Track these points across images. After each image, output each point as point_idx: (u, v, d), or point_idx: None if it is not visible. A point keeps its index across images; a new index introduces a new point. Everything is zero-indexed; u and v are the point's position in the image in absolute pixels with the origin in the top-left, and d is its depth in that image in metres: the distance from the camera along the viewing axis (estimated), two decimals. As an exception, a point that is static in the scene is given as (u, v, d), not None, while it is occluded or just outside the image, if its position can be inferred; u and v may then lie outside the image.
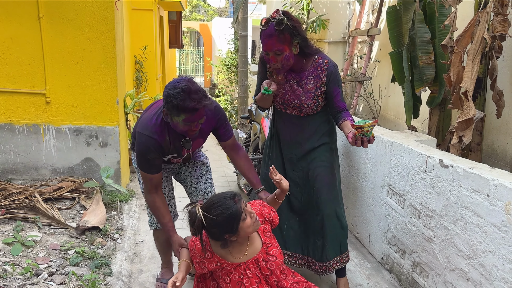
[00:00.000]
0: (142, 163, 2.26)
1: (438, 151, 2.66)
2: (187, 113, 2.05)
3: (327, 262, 2.64)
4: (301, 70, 2.48)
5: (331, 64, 2.47)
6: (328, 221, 2.60)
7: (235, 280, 1.96)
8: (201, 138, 2.41)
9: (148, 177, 2.27)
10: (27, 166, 4.04)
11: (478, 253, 2.16)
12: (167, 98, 2.04)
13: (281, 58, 2.33)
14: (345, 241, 2.71)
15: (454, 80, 3.55)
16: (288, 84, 2.53)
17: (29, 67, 3.86)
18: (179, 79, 2.10)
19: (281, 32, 2.26)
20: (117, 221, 3.54)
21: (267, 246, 2.04)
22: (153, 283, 2.82)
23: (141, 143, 2.22)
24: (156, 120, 2.22)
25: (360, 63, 6.82)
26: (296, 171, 2.68)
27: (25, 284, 2.51)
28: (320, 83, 2.46)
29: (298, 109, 2.54)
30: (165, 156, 2.34)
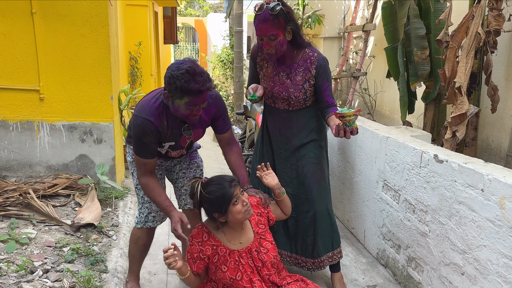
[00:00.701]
0: (137, 146, 2.18)
1: (433, 146, 2.66)
2: (190, 95, 2.01)
3: (318, 258, 2.65)
4: (291, 62, 2.49)
5: (320, 57, 2.46)
6: (320, 217, 2.61)
7: (232, 267, 2.03)
8: (201, 128, 2.35)
9: (143, 161, 2.20)
10: (21, 163, 4.02)
11: (472, 248, 2.17)
12: (170, 80, 1.99)
13: (275, 43, 2.32)
14: (337, 237, 2.71)
15: (449, 75, 3.56)
16: (277, 77, 2.54)
17: (22, 63, 3.82)
18: (182, 60, 2.05)
19: (276, 16, 2.26)
20: (112, 218, 3.53)
21: (259, 237, 2.12)
22: (148, 280, 2.82)
23: (137, 126, 2.15)
24: (154, 103, 2.16)
25: (356, 58, 6.82)
26: (285, 168, 2.67)
27: (19, 282, 2.49)
28: (309, 75, 2.46)
29: (287, 102, 2.54)
30: (163, 143, 2.25)
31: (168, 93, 2.04)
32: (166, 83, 2.03)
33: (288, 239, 2.74)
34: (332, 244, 2.69)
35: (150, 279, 2.83)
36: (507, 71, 3.99)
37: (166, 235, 3.37)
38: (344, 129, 2.15)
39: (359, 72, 6.33)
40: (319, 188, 2.61)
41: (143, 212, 2.45)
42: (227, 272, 2.03)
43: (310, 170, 2.60)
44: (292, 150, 2.63)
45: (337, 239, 2.72)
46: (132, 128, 2.19)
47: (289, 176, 2.66)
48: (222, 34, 11.45)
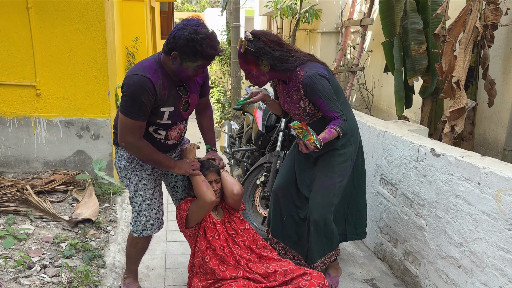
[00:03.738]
0: (132, 107, 2.08)
1: (430, 140, 2.67)
2: (205, 59, 2.07)
3: (311, 265, 2.66)
4: (289, 81, 2.51)
5: (306, 76, 2.38)
6: (316, 226, 2.57)
7: (213, 234, 2.42)
8: (196, 92, 2.35)
9: (137, 124, 2.12)
10: (18, 159, 4.01)
11: (469, 241, 2.18)
12: (188, 42, 1.99)
13: (250, 76, 2.46)
14: (330, 244, 2.66)
15: (446, 70, 3.56)
16: (283, 94, 2.60)
17: (19, 59, 3.81)
18: (193, 21, 2.05)
19: (244, 55, 2.38)
20: (110, 214, 3.53)
21: (229, 212, 2.54)
22: (147, 274, 2.83)
23: (133, 83, 2.06)
24: (148, 63, 2.14)
25: (353, 53, 6.81)
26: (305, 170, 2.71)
27: (17, 277, 2.49)
28: (300, 94, 2.46)
29: (297, 117, 2.58)
30: (161, 108, 2.17)
31: (181, 54, 2.04)
32: (181, 45, 2.01)
33: (294, 238, 2.77)
34: (324, 250, 2.65)
35: (148, 274, 2.84)
36: (504, 65, 3.99)
37: (164, 230, 3.38)
38: (299, 142, 2.23)
39: (357, 67, 6.32)
40: (323, 196, 2.55)
41: (140, 221, 2.38)
42: (212, 239, 2.39)
43: (320, 177, 2.58)
44: (314, 158, 2.66)
45: (330, 246, 2.67)
46: (126, 88, 2.08)
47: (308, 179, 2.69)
48: (220, 29, 11.41)
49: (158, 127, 2.26)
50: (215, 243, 2.39)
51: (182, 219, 2.42)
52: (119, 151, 2.36)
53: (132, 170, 2.33)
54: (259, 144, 3.73)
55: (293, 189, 2.74)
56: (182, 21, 2.13)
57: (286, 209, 2.75)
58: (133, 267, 2.57)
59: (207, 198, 2.31)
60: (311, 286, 2.19)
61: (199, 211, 2.38)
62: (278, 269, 2.33)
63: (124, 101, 2.10)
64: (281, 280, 2.28)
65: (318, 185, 2.58)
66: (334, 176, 2.56)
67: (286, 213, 2.75)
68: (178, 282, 2.75)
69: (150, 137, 2.27)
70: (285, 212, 2.75)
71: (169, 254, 3.11)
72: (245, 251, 2.44)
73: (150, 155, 2.24)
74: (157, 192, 2.44)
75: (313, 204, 2.57)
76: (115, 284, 2.58)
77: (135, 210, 2.39)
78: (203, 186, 2.33)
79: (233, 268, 2.36)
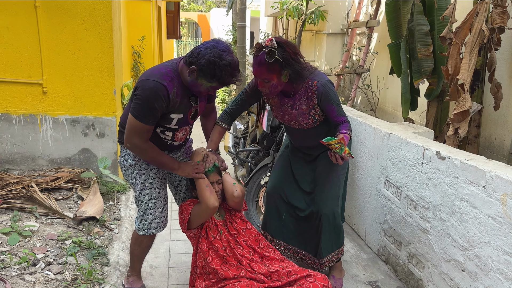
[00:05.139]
0: (143, 111, 2.10)
1: (435, 143, 2.66)
2: (220, 84, 2.12)
3: (320, 260, 2.70)
4: (294, 93, 2.49)
5: (320, 85, 2.41)
6: (325, 221, 2.63)
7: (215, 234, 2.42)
8: (204, 101, 2.39)
9: (146, 128, 2.14)
10: (24, 156, 4.03)
11: (473, 244, 2.17)
12: (209, 64, 2.02)
13: (268, 86, 2.36)
14: (338, 240, 2.72)
15: (452, 72, 3.55)
16: (284, 107, 2.56)
17: (26, 56, 3.83)
18: (222, 46, 2.07)
19: (271, 64, 2.27)
20: (114, 212, 3.54)
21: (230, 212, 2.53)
22: (150, 273, 2.83)
23: (148, 89, 2.07)
24: (165, 70, 2.15)
25: (359, 55, 6.80)
26: (306, 170, 2.72)
27: (22, 274, 2.51)
28: (312, 104, 2.47)
29: (299, 125, 2.58)
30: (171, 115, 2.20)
31: (199, 71, 2.06)
32: (202, 64, 2.04)
33: (297, 235, 2.78)
34: (332, 246, 2.71)
35: (152, 273, 2.84)
36: (511, 69, 3.98)
37: (168, 229, 3.38)
38: (334, 155, 2.24)
39: (362, 69, 6.31)
40: (330, 190, 2.63)
41: (146, 219, 2.40)
42: (214, 240, 2.39)
43: (325, 171, 2.63)
44: (314, 157, 2.69)
45: (337, 242, 2.73)
46: (140, 92, 2.10)
47: (308, 176, 2.70)
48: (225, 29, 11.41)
49: (165, 129, 2.29)
50: (217, 243, 2.40)
51: (184, 221, 2.43)
52: (125, 149, 2.37)
53: (138, 169, 2.34)
54: (263, 145, 3.74)
55: (289, 189, 2.76)
56: (212, 41, 2.14)
57: (283, 209, 2.77)
58: (137, 265, 2.59)
59: (210, 204, 2.31)
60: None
61: (201, 214, 2.39)
62: (281, 270, 2.34)
63: (136, 104, 2.12)
64: (285, 280, 2.28)
65: (324, 180, 2.63)
66: (338, 168, 2.64)
67: (284, 212, 2.77)
68: (181, 281, 2.76)
69: (156, 137, 2.28)
70: (283, 211, 2.77)
71: (172, 253, 3.12)
72: (247, 251, 2.45)
73: (154, 157, 2.26)
74: (163, 191, 2.45)
75: (321, 198, 2.62)
76: (118, 282, 2.59)
77: (141, 208, 2.40)
78: (207, 191, 2.33)
79: (235, 268, 2.36)
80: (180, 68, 2.18)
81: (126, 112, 2.28)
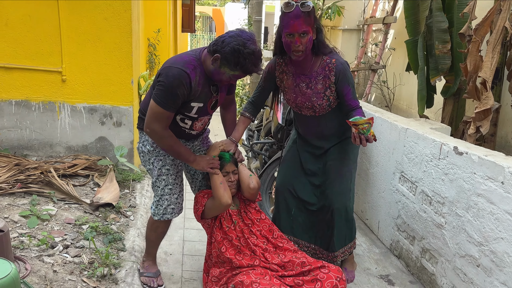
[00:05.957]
0: (165, 97, 2.13)
1: (453, 139, 2.66)
2: (243, 72, 2.14)
3: (332, 253, 2.71)
4: (310, 71, 2.50)
5: (339, 63, 2.45)
6: (338, 215, 2.64)
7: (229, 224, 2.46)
8: (224, 91, 2.42)
9: (167, 115, 2.17)
10: (42, 143, 4.10)
11: (489, 240, 2.17)
12: (234, 52, 2.05)
13: (305, 40, 2.33)
14: (350, 233, 2.74)
15: (471, 70, 3.52)
16: (298, 88, 2.56)
17: (46, 45, 3.89)
18: (247, 35, 2.11)
19: (307, 14, 2.30)
20: (130, 199, 3.59)
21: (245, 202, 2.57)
22: (165, 259, 2.88)
23: (171, 76, 2.11)
24: (188, 58, 2.18)
25: (375, 50, 6.76)
26: (315, 164, 2.71)
27: (41, 255, 2.57)
28: (329, 82, 2.47)
29: (312, 110, 2.57)
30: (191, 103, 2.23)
31: (222, 59, 2.09)
32: (226, 52, 2.07)
33: (306, 229, 2.79)
34: (345, 240, 2.72)
35: (166, 259, 2.89)
36: (530, 68, 3.92)
37: (182, 217, 3.43)
38: (359, 137, 2.20)
39: (378, 65, 6.28)
40: (341, 184, 2.63)
41: (162, 205, 2.45)
42: (234, 230, 2.45)
43: (335, 165, 2.63)
44: (325, 150, 2.68)
45: (350, 235, 2.74)
46: (164, 78, 2.13)
47: (318, 170, 2.70)
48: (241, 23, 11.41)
49: (185, 117, 2.32)
50: (231, 233, 2.43)
51: (198, 212, 2.47)
52: (143, 136, 2.41)
53: (156, 155, 2.38)
54: (278, 137, 3.75)
55: (298, 184, 2.75)
56: (236, 30, 2.18)
57: (293, 204, 2.77)
58: (152, 251, 2.63)
59: (223, 201, 2.34)
60: (329, 279, 2.20)
61: (214, 209, 2.42)
62: (295, 260, 2.36)
63: (159, 90, 2.15)
64: (298, 270, 2.30)
65: (335, 174, 2.63)
66: (349, 162, 2.65)
67: (293, 207, 2.78)
68: (195, 268, 2.80)
69: (176, 125, 2.31)
70: (292, 206, 2.78)
71: (186, 240, 3.16)
72: (261, 241, 2.47)
73: (171, 146, 2.29)
74: (179, 178, 2.49)
75: (333, 193, 2.62)
76: (134, 267, 2.64)
77: (157, 194, 2.45)
78: (221, 189, 2.35)
79: (249, 258, 2.39)
80: (203, 57, 2.21)
81: (147, 99, 2.31)
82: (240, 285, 2.24)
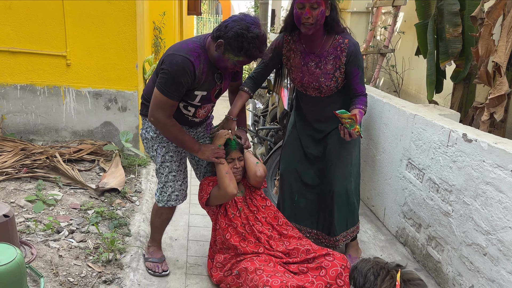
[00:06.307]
0: (169, 85, 2.09)
1: (462, 125, 2.60)
2: (247, 58, 2.08)
3: (334, 237, 2.70)
4: (321, 50, 2.44)
5: (352, 44, 2.40)
6: (338, 198, 2.63)
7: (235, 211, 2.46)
8: (228, 79, 2.37)
9: (170, 103, 2.15)
10: (47, 128, 4.10)
11: (497, 229, 2.14)
12: (237, 37, 2.00)
13: (316, 13, 2.26)
14: (352, 217, 2.73)
15: (482, 54, 3.44)
16: (306, 67, 2.50)
17: (50, 28, 3.85)
18: (251, 19, 2.05)
19: None
20: (135, 184, 3.60)
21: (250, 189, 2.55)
22: (170, 244, 2.89)
23: (175, 64, 2.07)
24: (192, 45, 2.14)
25: (384, 34, 6.64)
26: (316, 148, 2.68)
27: (47, 240, 2.58)
28: (340, 63, 2.42)
29: (318, 90, 2.52)
30: (195, 91, 2.20)
31: (226, 45, 2.04)
32: (230, 37, 2.02)
33: (308, 215, 2.78)
34: (347, 224, 2.71)
35: (171, 244, 2.90)
36: (544, 52, 3.82)
37: (187, 203, 3.43)
38: (343, 129, 2.21)
39: (387, 49, 6.17)
40: (341, 168, 2.61)
41: (166, 191, 2.44)
42: (240, 217, 2.44)
43: (336, 149, 2.60)
44: (325, 134, 2.64)
45: (352, 219, 2.73)
46: (167, 66, 2.09)
47: (320, 153, 2.67)
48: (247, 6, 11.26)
49: (188, 104, 2.29)
50: (236, 220, 2.42)
51: (203, 199, 2.45)
52: (147, 122, 2.38)
53: (159, 142, 2.36)
54: (283, 123, 3.71)
55: (301, 168, 2.74)
56: (240, 14, 2.13)
57: (297, 190, 2.77)
58: (157, 237, 2.64)
59: (228, 191, 2.32)
60: (334, 266, 2.19)
61: (219, 198, 2.41)
62: (300, 247, 2.35)
63: (162, 78, 2.11)
64: (303, 257, 2.30)
65: (335, 158, 2.61)
66: (350, 146, 2.61)
67: (296, 194, 2.77)
68: (200, 253, 2.80)
69: (178, 112, 2.29)
70: (296, 193, 2.77)
71: (191, 226, 3.16)
72: (266, 228, 2.47)
73: (176, 135, 2.26)
74: (183, 165, 2.47)
75: (333, 176, 2.61)
76: (139, 252, 2.65)
77: (161, 181, 2.43)
78: (226, 179, 2.33)
79: (254, 245, 2.39)
80: (207, 44, 2.16)
81: (150, 85, 2.28)
82: (244, 271, 2.25)
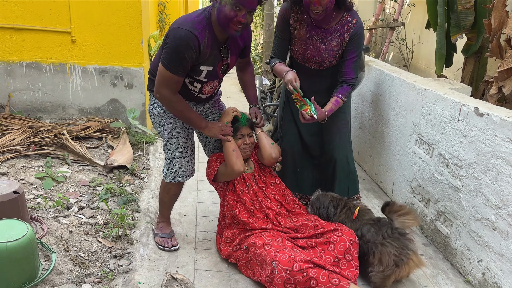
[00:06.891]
0: (173, 61, 2.06)
1: (474, 99, 2.55)
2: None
3: None
4: (328, 26, 2.41)
5: (359, 25, 2.39)
6: (339, 166, 2.70)
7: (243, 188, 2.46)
8: (235, 55, 2.33)
9: (175, 79, 2.11)
10: (54, 105, 4.10)
11: (508, 204, 2.12)
12: None
13: (325, 1, 2.22)
14: (354, 185, 2.79)
15: (495, 26, 3.34)
16: (310, 40, 2.46)
17: (54, 4, 3.79)
18: None
19: None
20: (143, 161, 3.61)
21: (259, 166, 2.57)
22: (179, 220, 2.91)
23: (179, 38, 2.03)
24: (197, 17, 2.09)
25: (394, 6, 6.49)
26: None
27: (57, 216, 2.61)
28: (343, 41, 2.42)
29: (318, 64, 2.52)
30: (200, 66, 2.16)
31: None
32: None
33: (311, 185, 2.82)
34: (348, 192, 2.76)
35: (180, 220, 2.92)
36: (559, 23, 3.71)
37: (195, 179, 3.44)
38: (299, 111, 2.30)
39: (396, 22, 6.03)
40: (341, 138, 2.68)
41: (173, 167, 2.43)
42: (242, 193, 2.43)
43: (333, 120, 2.59)
44: (321, 104, 2.58)
45: (354, 187, 2.78)
46: (171, 40, 2.05)
47: (316, 126, 2.65)
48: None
49: (194, 80, 2.25)
50: (244, 197, 2.42)
51: (210, 175, 2.45)
52: (154, 98, 2.36)
53: (166, 117, 2.34)
54: (291, 99, 3.68)
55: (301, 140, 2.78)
56: None
57: (300, 161, 2.80)
58: (166, 212, 2.65)
59: (235, 169, 2.31)
60: (342, 242, 2.20)
61: (226, 175, 2.41)
62: (308, 223, 2.36)
63: (166, 53, 2.07)
64: (311, 233, 2.30)
65: (333, 129, 2.66)
66: (345, 116, 2.69)
67: (299, 165, 2.81)
68: (208, 229, 2.83)
69: (185, 87, 2.26)
70: (298, 164, 2.81)
71: (200, 202, 3.18)
72: (274, 204, 2.47)
73: (182, 112, 2.24)
74: (190, 141, 2.46)
75: (333, 146, 2.68)
76: (148, 228, 2.67)
77: (168, 157, 2.43)
78: (233, 156, 2.31)
79: (262, 222, 2.40)
80: (211, 14, 2.12)
81: (156, 60, 2.25)
82: (252, 246, 2.27)
